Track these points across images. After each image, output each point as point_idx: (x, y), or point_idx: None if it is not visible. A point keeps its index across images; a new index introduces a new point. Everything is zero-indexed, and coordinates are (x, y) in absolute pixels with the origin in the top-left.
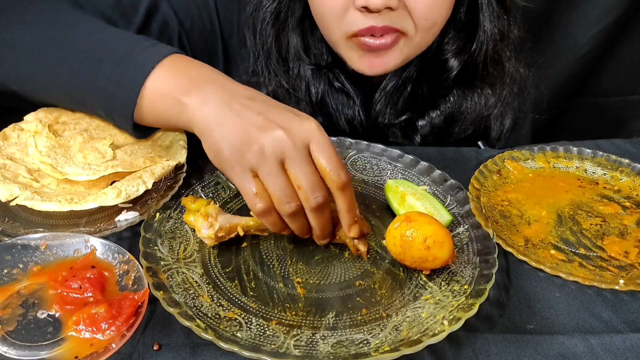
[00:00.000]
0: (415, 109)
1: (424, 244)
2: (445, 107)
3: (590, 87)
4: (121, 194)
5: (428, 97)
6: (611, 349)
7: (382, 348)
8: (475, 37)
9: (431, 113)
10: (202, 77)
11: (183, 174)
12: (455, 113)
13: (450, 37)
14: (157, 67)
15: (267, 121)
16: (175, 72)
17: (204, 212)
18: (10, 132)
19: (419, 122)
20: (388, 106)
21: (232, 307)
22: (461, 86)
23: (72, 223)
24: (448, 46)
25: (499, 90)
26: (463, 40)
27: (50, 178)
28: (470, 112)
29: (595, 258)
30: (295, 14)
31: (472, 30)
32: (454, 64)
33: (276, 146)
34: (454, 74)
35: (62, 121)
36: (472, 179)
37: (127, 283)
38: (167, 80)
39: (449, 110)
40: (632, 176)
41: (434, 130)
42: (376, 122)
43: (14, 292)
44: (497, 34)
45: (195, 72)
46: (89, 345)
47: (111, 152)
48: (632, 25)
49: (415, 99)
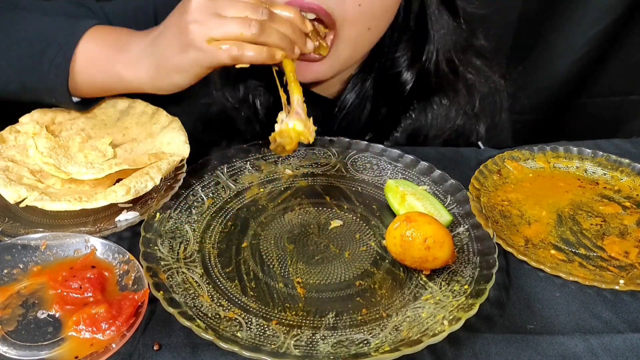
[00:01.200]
0: (377, 130)
1: (424, 244)
2: (406, 123)
3: (590, 87)
4: (130, 191)
5: (388, 116)
6: (611, 349)
7: (382, 348)
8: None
9: (395, 133)
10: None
11: (183, 174)
12: (417, 128)
13: (402, 48)
14: (84, 37)
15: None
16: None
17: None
18: (7, 135)
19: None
20: (351, 125)
21: (232, 307)
22: (419, 100)
23: (73, 223)
24: (400, 59)
25: (460, 100)
26: (413, 50)
27: (55, 178)
28: (432, 126)
29: (595, 258)
30: None
31: (423, 40)
32: (408, 77)
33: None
34: (409, 87)
35: (58, 122)
36: (472, 179)
37: (127, 283)
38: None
39: (411, 126)
40: (632, 176)
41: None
42: None
43: (14, 292)
44: (451, 43)
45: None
46: (89, 345)
47: (111, 150)
48: (632, 25)
49: (375, 119)
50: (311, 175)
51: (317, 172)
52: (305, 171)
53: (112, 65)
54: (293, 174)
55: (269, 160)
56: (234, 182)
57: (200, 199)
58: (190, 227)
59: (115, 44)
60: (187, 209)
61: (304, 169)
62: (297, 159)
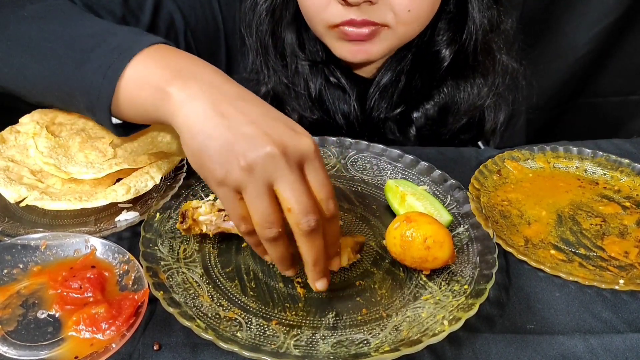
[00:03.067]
0: (409, 101)
1: (424, 244)
2: (439, 98)
3: (590, 88)
4: (130, 190)
5: (422, 90)
6: (611, 349)
7: (382, 348)
8: (465, 28)
9: (425, 104)
10: (189, 69)
11: (183, 174)
12: (448, 103)
13: (441, 28)
14: (139, 55)
15: (259, 133)
16: (159, 62)
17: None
18: (7, 135)
19: (413, 115)
20: (383, 100)
21: (232, 307)
22: (454, 77)
23: (73, 223)
24: (439, 37)
25: (491, 79)
26: (453, 30)
27: (55, 178)
28: (463, 102)
29: (595, 258)
30: (289, 11)
31: (462, 21)
32: (446, 54)
33: (267, 165)
34: (446, 64)
35: (58, 122)
36: (472, 179)
37: (127, 283)
38: (149, 69)
39: (443, 101)
40: (632, 176)
41: (429, 122)
42: (371, 116)
43: (14, 292)
44: (487, 24)
45: (183, 63)
46: (89, 345)
47: (112, 150)
48: (632, 26)
49: (409, 92)
50: None
51: None
52: None
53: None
54: None
55: None
56: None
57: (200, 199)
58: None
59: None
60: None
61: None
62: None
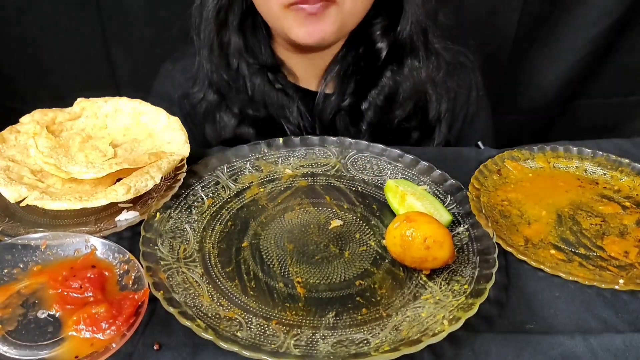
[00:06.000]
0: (356, 93)
1: (424, 243)
2: (384, 84)
3: (590, 89)
4: (131, 190)
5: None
6: (611, 349)
7: (382, 348)
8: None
9: (372, 92)
10: None
11: (183, 174)
12: (393, 91)
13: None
14: None
15: None
16: None
17: None
18: (7, 135)
19: (362, 105)
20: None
21: (232, 306)
22: (393, 64)
23: (74, 223)
24: (374, 27)
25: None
26: (388, 21)
27: (55, 178)
28: (406, 87)
29: (595, 258)
30: (235, 13)
31: (397, 12)
32: (382, 45)
33: None
34: (384, 54)
35: (59, 122)
36: (472, 179)
37: (127, 283)
38: None
39: (387, 88)
40: (632, 176)
41: (377, 113)
42: (321, 115)
43: (14, 291)
44: (422, 14)
45: None
46: (89, 345)
47: (112, 150)
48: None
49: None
50: (311, 175)
51: (317, 172)
52: (305, 171)
53: None
54: (293, 173)
55: (269, 160)
56: (234, 182)
57: (200, 199)
58: (190, 227)
59: None
60: (187, 208)
61: (304, 169)
62: (297, 159)
